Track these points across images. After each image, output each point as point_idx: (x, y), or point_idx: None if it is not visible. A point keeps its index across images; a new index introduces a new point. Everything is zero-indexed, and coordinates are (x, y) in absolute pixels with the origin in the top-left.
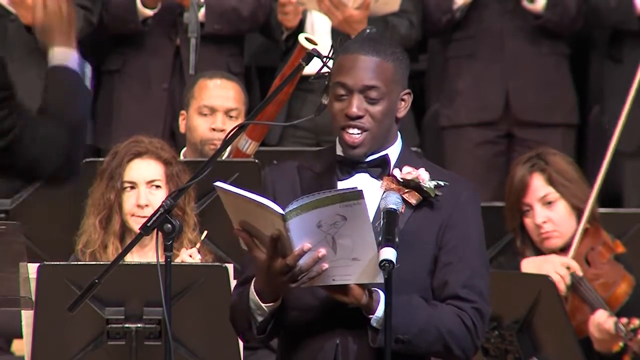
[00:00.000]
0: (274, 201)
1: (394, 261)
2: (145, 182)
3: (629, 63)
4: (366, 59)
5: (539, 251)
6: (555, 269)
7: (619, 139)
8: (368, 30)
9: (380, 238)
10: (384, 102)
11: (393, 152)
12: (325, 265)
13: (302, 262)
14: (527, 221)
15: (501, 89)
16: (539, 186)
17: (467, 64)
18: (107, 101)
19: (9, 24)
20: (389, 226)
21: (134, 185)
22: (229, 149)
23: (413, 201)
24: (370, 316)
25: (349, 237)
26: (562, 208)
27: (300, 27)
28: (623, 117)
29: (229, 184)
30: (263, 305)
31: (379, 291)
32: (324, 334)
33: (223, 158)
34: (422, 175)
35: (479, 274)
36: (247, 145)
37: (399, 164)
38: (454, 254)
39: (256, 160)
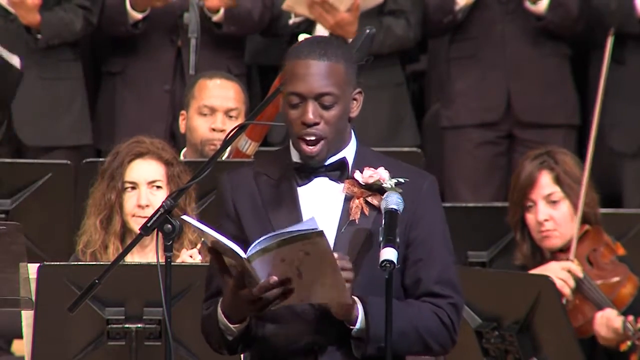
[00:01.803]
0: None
1: (395, 261)
2: (146, 183)
3: (630, 64)
4: (318, 64)
5: (537, 248)
6: (557, 274)
7: (617, 140)
8: (368, 31)
9: (381, 238)
10: (338, 106)
11: (349, 153)
12: (292, 287)
13: (269, 292)
14: (529, 217)
15: (503, 90)
16: (546, 184)
17: (468, 65)
18: (109, 102)
19: (9, 24)
20: (389, 226)
21: (134, 186)
22: (229, 149)
23: (376, 203)
24: (352, 327)
25: (314, 267)
26: (565, 209)
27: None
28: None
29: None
30: (231, 326)
31: (357, 301)
32: (302, 347)
33: (223, 158)
34: (383, 175)
35: (449, 266)
36: (247, 145)
37: (357, 164)
38: (422, 249)
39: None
